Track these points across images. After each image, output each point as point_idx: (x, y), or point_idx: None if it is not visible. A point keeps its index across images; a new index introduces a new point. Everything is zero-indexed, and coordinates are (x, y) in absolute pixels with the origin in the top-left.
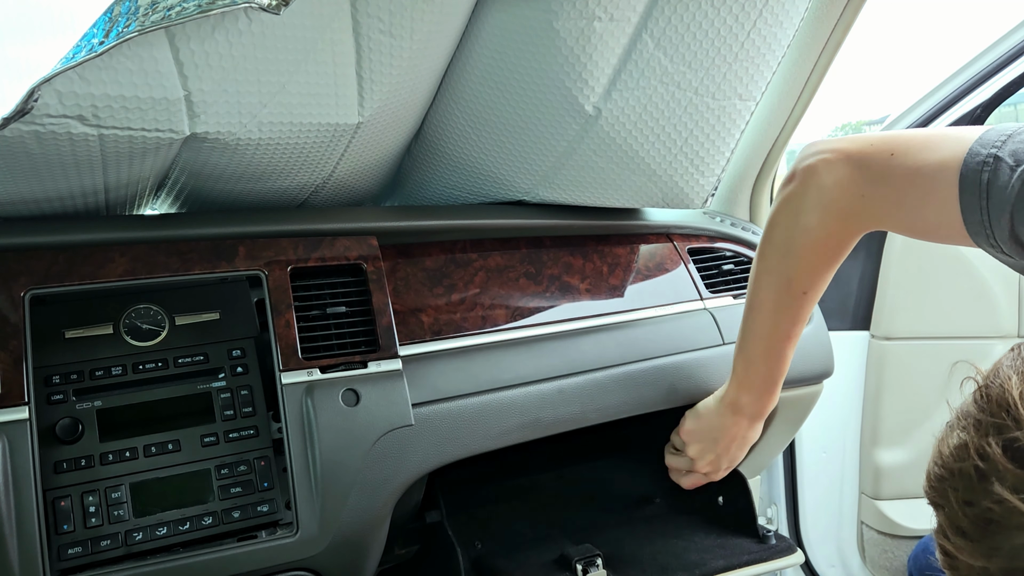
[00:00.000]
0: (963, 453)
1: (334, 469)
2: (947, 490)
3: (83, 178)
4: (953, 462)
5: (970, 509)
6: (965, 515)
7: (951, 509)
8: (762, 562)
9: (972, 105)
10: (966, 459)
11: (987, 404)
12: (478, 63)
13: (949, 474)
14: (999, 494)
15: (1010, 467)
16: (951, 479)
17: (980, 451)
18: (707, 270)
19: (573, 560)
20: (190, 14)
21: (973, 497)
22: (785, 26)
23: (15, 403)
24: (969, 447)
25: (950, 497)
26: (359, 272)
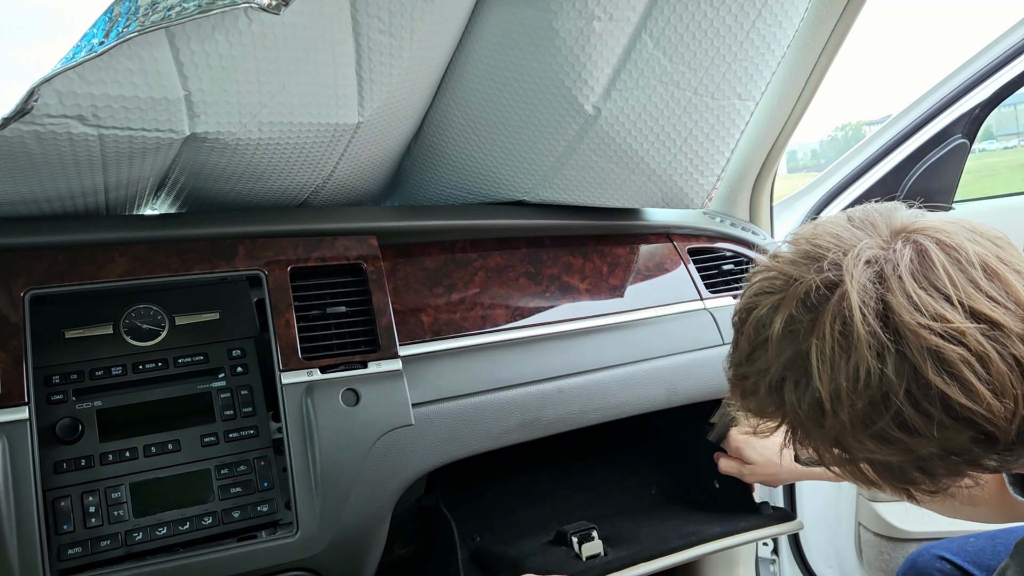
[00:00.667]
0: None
1: (334, 469)
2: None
3: (83, 178)
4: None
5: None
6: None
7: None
8: (759, 528)
9: (972, 104)
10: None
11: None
12: (478, 63)
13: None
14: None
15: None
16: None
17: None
18: (707, 270)
19: (568, 534)
20: (190, 14)
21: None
22: (785, 26)
23: (15, 403)
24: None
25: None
26: (359, 272)
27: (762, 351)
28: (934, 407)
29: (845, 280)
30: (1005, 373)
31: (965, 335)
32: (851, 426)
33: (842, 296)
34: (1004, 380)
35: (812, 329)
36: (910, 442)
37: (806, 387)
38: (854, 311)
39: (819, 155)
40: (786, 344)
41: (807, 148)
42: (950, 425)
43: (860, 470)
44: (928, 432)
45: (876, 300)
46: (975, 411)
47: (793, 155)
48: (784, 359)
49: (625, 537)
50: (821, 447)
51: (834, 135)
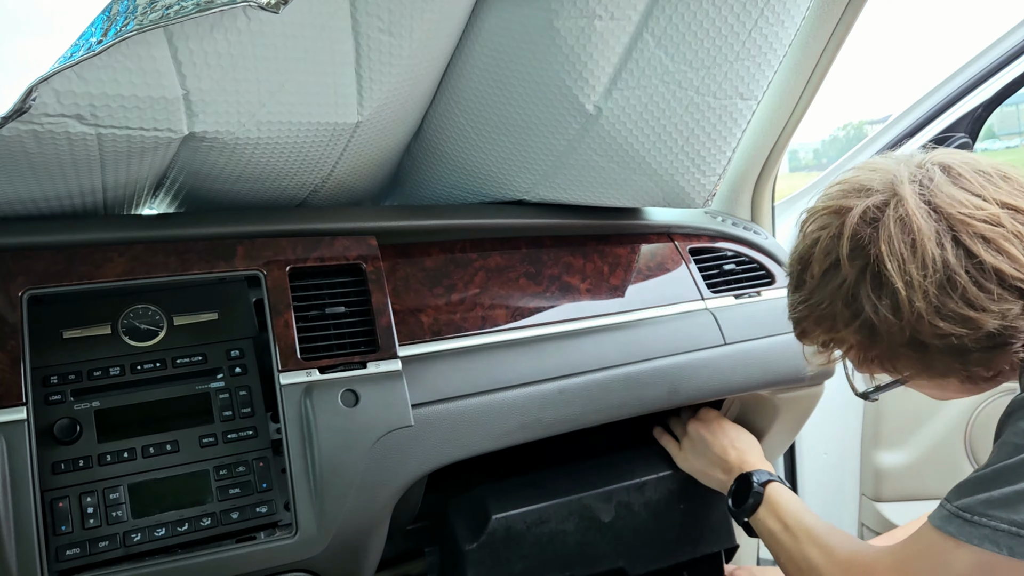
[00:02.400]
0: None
1: (333, 470)
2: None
3: (81, 178)
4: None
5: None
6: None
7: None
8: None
9: (973, 104)
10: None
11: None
12: (478, 62)
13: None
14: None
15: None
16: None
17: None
18: (708, 270)
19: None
20: (188, 13)
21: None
22: (786, 25)
23: (13, 403)
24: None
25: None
26: (358, 272)
27: (834, 271)
28: (990, 281)
29: (898, 190)
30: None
31: (1001, 219)
32: (927, 312)
33: (898, 203)
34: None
35: (878, 237)
36: (977, 317)
37: (881, 287)
38: (912, 211)
39: (821, 154)
40: (856, 256)
41: (809, 147)
42: (1004, 296)
43: (931, 364)
44: (989, 305)
45: (926, 202)
46: (1022, 279)
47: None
48: (857, 269)
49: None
50: (893, 353)
51: (836, 134)
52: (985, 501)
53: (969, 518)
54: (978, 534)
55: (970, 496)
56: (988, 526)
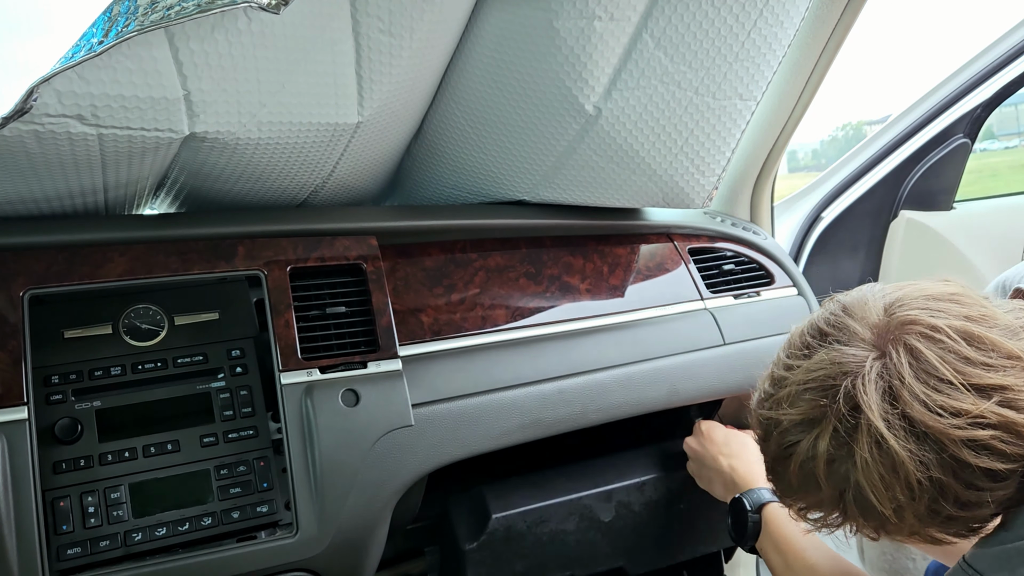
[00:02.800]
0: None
1: (334, 470)
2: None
3: (82, 178)
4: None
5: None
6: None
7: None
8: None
9: (972, 104)
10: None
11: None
12: (478, 63)
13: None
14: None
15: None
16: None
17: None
18: (708, 270)
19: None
20: (189, 14)
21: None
22: (786, 26)
23: (14, 403)
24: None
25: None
26: (359, 272)
27: (812, 484)
28: (983, 481)
29: (864, 406)
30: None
31: (985, 415)
32: (919, 523)
33: (868, 425)
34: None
35: (855, 464)
36: (972, 515)
37: (867, 509)
38: (885, 434)
39: (820, 155)
40: (835, 479)
41: (808, 148)
42: (1000, 487)
43: (931, 536)
44: (984, 500)
45: (899, 417)
46: (1015, 468)
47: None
48: (838, 490)
49: None
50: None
51: (835, 135)
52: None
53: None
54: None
55: (998, 569)
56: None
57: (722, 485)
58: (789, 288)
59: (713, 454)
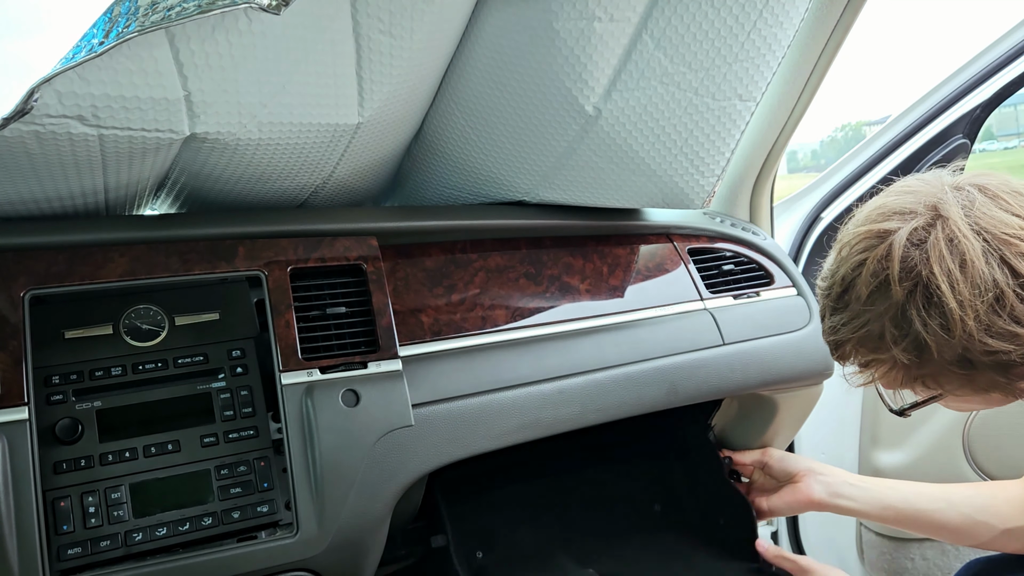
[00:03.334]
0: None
1: (334, 470)
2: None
3: (83, 178)
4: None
5: None
6: None
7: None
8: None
9: (972, 105)
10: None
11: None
12: (478, 63)
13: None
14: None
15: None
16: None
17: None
18: (707, 270)
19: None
20: (190, 14)
21: None
22: (785, 26)
23: (15, 403)
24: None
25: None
26: (359, 272)
27: (883, 292)
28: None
29: (943, 211)
30: None
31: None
32: (976, 331)
33: (944, 223)
34: None
35: (928, 258)
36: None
37: (932, 307)
38: (960, 231)
39: (819, 155)
40: (906, 277)
41: (807, 148)
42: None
43: (975, 380)
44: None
45: (971, 223)
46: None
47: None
48: (907, 290)
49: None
50: (940, 371)
51: (834, 135)
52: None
53: None
54: None
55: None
56: None
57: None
58: (789, 288)
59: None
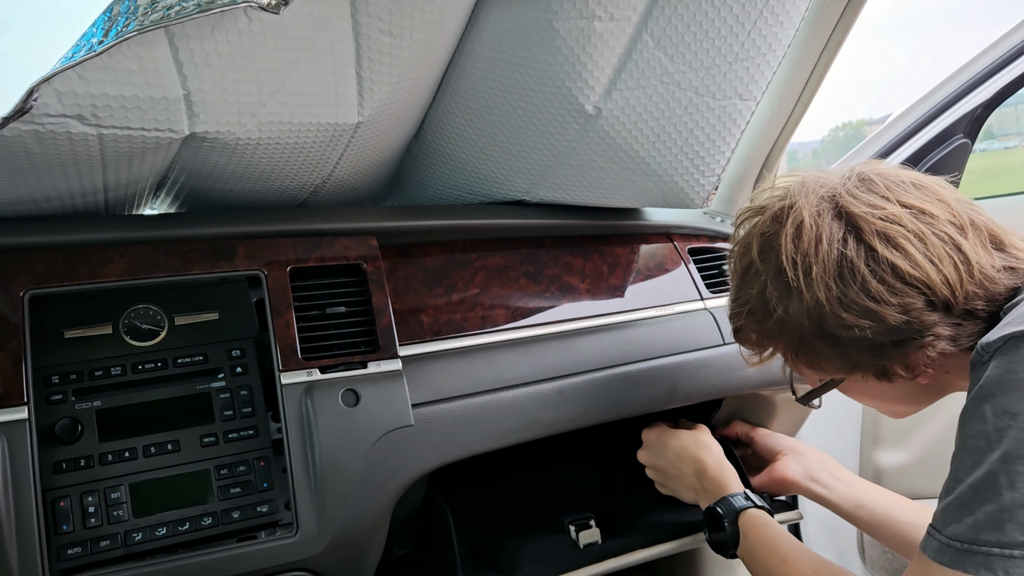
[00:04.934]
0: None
1: (334, 469)
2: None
3: (83, 178)
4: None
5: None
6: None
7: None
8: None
9: (971, 105)
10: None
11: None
12: (478, 63)
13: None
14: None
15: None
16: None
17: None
18: (707, 270)
19: (566, 522)
20: (189, 13)
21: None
22: (785, 26)
23: (14, 403)
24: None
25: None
26: (359, 272)
27: (751, 268)
28: (888, 275)
29: (805, 192)
30: (939, 245)
31: (901, 218)
32: (827, 302)
33: (804, 201)
34: (939, 251)
35: (780, 232)
36: (878, 309)
37: (784, 280)
38: (814, 210)
39: (820, 155)
40: (766, 253)
41: (807, 148)
42: (904, 291)
43: (851, 361)
44: (889, 299)
45: (831, 204)
46: (919, 276)
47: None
48: (767, 266)
49: (623, 526)
50: (810, 348)
51: (835, 135)
52: (973, 526)
53: (960, 547)
54: (973, 562)
55: (956, 522)
56: (980, 552)
57: (691, 491)
58: None
59: (673, 463)
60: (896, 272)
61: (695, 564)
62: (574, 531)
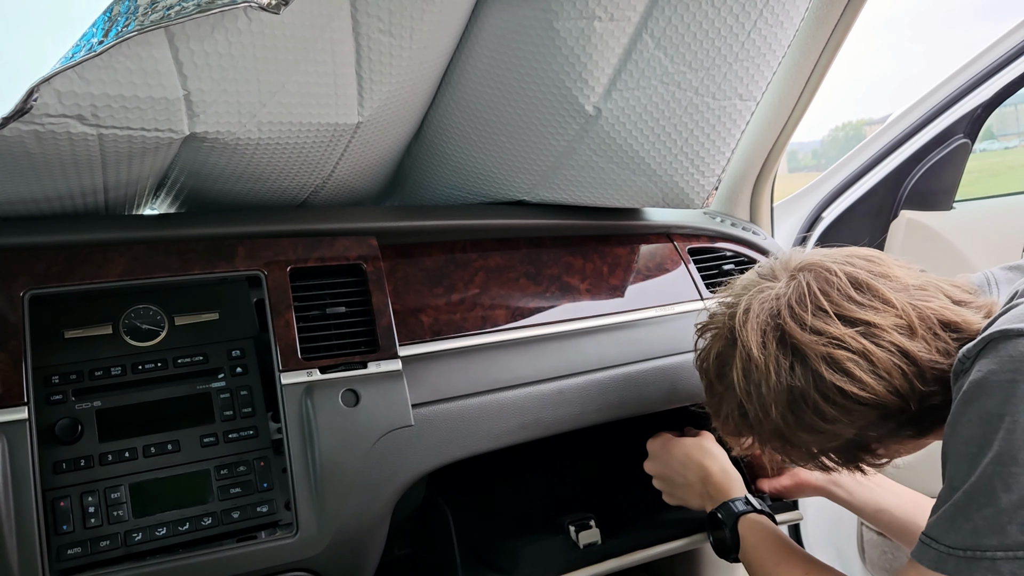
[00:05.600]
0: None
1: (334, 469)
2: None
3: (83, 178)
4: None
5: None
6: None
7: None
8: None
9: (972, 105)
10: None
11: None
12: (478, 63)
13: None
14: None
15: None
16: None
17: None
18: (707, 270)
19: (566, 523)
20: (189, 13)
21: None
22: (785, 26)
23: (14, 403)
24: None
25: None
26: (359, 272)
27: (712, 387)
28: (838, 398)
29: (744, 321)
30: (886, 358)
31: (844, 339)
32: (785, 426)
33: (747, 334)
34: (886, 364)
35: (733, 364)
36: (834, 428)
37: (741, 406)
38: (757, 344)
39: (820, 155)
40: (724, 379)
41: (808, 148)
42: (856, 409)
43: (821, 462)
44: (842, 418)
45: (775, 330)
46: (867, 397)
47: (794, 155)
48: (724, 388)
49: (622, 526)
50: (791, 456)
51: (835, 135)
52: (973, 532)
53: (963, 554)
54: (979, 568)
55: (955, 531)
56: (985, 558)
57: (698, 498)
58: None
59: (679, 471)
60: (844, 395)
61: (695, 564)
62: (574, 531)
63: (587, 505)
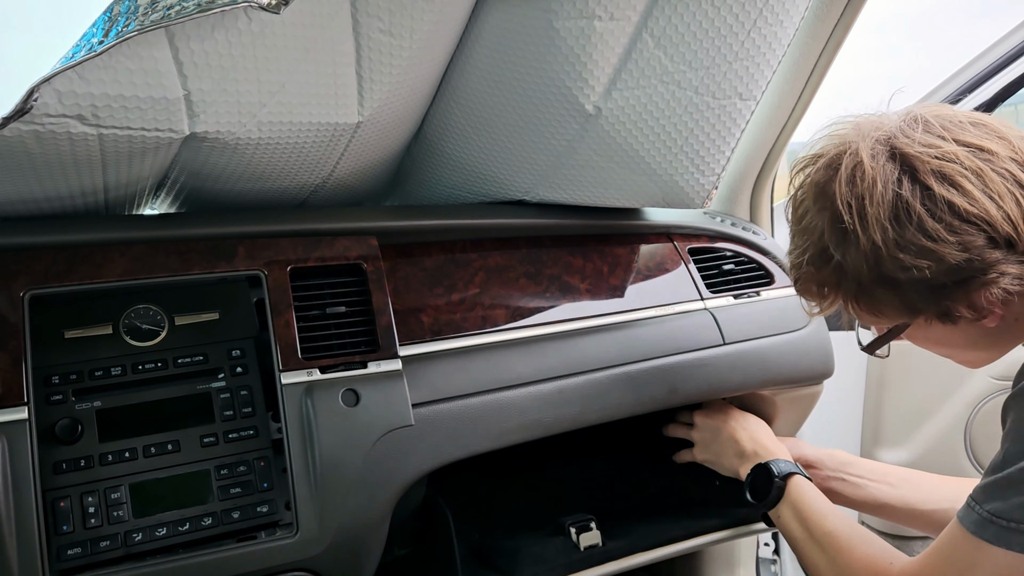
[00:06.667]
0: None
1: (334, 469)
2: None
3: (83, 178)
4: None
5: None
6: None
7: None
8: (759, 520)
9: (973, 105)
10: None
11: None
12: (478, 63)
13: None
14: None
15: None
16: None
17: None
18: (707, 270)
19: (566, 524)
20: (190, 13)
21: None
22: (785, 25)
23: (14, 403)
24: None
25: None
26: (359, 272)
27: (807, 217)
28: (945, 213)
29: (859, 138)
30: (998, 181)
31: (957, 155)
32: (884, 244)
33: (857, 147)
34: (999, 187)
35: (834, 178)
36: (936, 248)
37: (840, 224)
38: (866, 153)
39: None
40: (820, 200)
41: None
42: (963, 228)
43: (912, 305)
44: (947, 237)
45: (885, 146)
46: (977, 213)
47: (794, 155)
48: (822, 213)
49: (623, 528)
50: (875, 297)
51: None
52: (1019, 506)
53: (1005, 524)
54: (1018, 540)
55: (1002, 500)
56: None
57: (736, 455)
58: (789, 288)
59: (732, 426)
60: (953, 210)
61: (696, 565)
62: (575, 533)
63: (588, 506)
